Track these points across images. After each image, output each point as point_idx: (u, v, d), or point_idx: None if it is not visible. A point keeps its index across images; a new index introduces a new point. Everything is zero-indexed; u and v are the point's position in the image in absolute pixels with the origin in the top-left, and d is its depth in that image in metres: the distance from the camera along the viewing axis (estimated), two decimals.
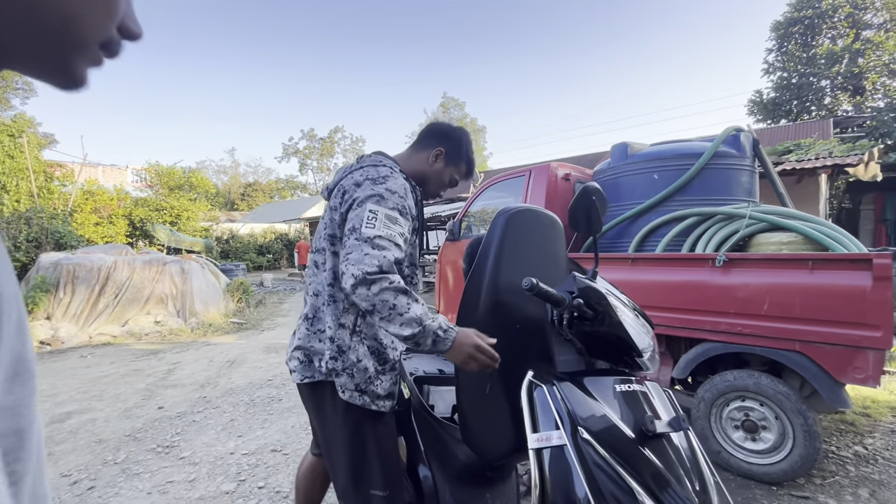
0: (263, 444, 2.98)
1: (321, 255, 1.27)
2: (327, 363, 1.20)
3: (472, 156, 1.47)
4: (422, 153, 1.40)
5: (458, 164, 1.45)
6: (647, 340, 1.15)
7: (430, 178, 1.40)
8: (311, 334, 1.27)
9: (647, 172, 3.26)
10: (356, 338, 1.23)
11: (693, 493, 0.95)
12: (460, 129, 1.46)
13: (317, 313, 1.28)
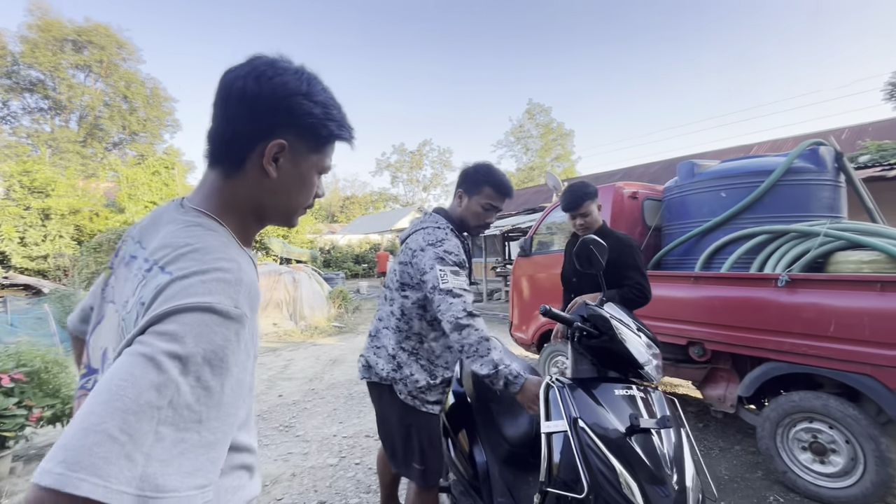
0: (360, 430, 3.57)
1: (391, 293, 1.70)
2: (388, 372, 1.63)
3: (494, 177, 1.65)
4: (454, 201, 1.75)
5: (479, 192, 1.66)
6: (647, 356, 1.41)
7: (466, 218, 1.70)
8: (372, 348, 1.72)
9: (714, 190, 3.29)
10: (412, 358, 1.63)
11: (674, 482, 1.21)
12: (473, 164, 1.70)
13: (377, 333, 1.72)
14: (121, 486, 0.43)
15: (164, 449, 0.48)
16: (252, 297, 0.62)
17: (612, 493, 1.16)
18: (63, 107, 28.12)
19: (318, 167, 0.80)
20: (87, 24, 27.43)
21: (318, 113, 0.74)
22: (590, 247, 1.52)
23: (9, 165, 14.33)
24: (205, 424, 0.52)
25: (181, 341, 0.52)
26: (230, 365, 0.56)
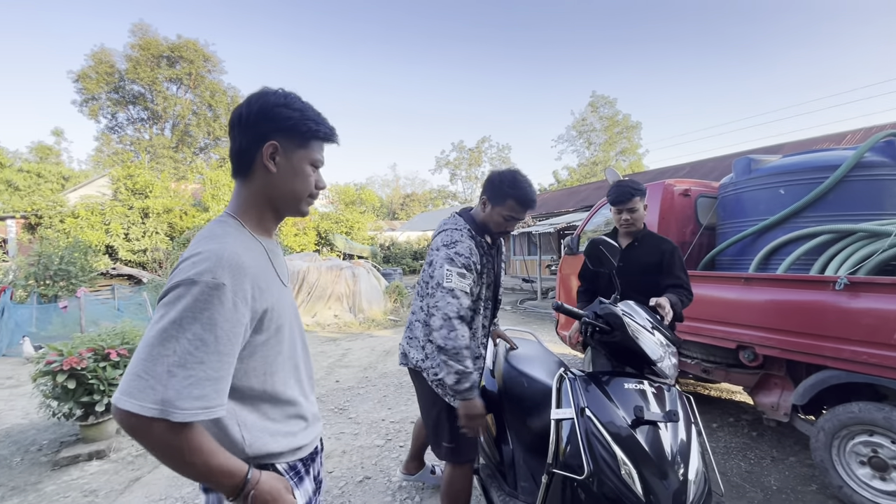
0: (406, 416, 3.80)
1: (422, 289, 1.87)
2: (417, 361, 1.84)
3: (518, 191, 1.70)
4: (479, 206, 1.84)
5: (503, 203, 1.72)
6: (660, 353, 1.45)
7: (488, 224, 1.80)
8: (406, 338, 1.95)
9: (772, 187, 3.12)
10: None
11: (677, 474, 1.26)
12: (500, 172, 1.76)
13: (411, 325, 1.93)
14: (146, 405, 0.73)
15: (177, 382, 0.75)
16: (234, 269, 0.83)
17: (611, 477, 1.24)
18: (159, 116, 31.44)
19: (309, 159, 1.00)
20: (178, 41, 30.39)
21: (297, 116, 0.96)
22: (599, 247, 1.58)
23: (116, 170, 16.41)
24: (207, 365, 0.78)
25: (174, 307, 0.77)
26: (217, 321, 0.79)
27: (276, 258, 1.04)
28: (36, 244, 10.74)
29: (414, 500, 2.54)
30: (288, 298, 1.05)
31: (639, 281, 2.23)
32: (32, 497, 2.76)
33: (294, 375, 1.03)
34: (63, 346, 3.31)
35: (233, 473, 0.84)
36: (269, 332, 0.93)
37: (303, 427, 1.03)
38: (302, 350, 1.10)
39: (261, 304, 0.89)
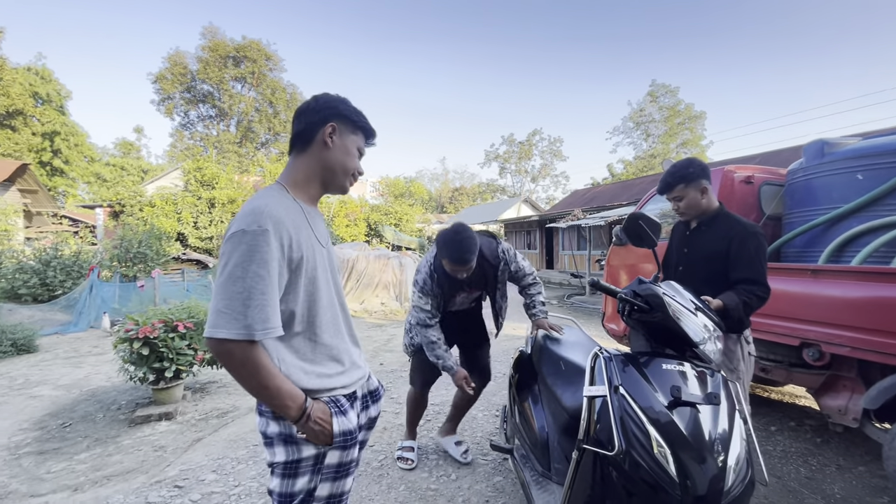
0: (445, 400, 3.86)
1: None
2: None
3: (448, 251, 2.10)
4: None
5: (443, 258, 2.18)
6: (703, 336, 1.38)
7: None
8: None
9: (847, 172, 2.84)
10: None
11: (717, 459, 1.20)
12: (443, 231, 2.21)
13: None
14: (234, 331, 0.96)
15: (251, 312, 0.96)
16: (274, 219, 1.02)
17: (643, 455, 1.21)
18: (225, 114, 33.58)
19: (357, 144, 1.23)
20: (243, 42, 32.21)
21: (353, 109, 1.22)
22: (639, 222, 1.52)
23: (187, 164, 17.75)
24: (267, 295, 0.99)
25: (234, 254, 0.98)
26: (268, 259, 0.99)
27: (315, 220, 1.21)
28: (119, 230, 11.88)
29: (450, 478, 2.59)
30: (325, 258, 1.20)
31: (701, 269, 2.06)
32: (112, 448, 3.09)
33: (333, 324, 1.19)
34: (139, 317, 3.66)
35: (296, 397, 1.05)
36: (307, 279, 1.10)
37: (339, 370, 1.18)
38: (340, 307, 1.25)
39: (297, 253, 1.06)
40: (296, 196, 1.17)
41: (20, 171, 14.84)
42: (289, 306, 1.09)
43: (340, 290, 1.28)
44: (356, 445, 1.17)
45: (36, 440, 3.26)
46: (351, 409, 1.17)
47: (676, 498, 1.16)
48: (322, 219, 1.29)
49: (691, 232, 2.16)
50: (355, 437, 1.16)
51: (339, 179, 1.22)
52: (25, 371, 5.12)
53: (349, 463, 1.17)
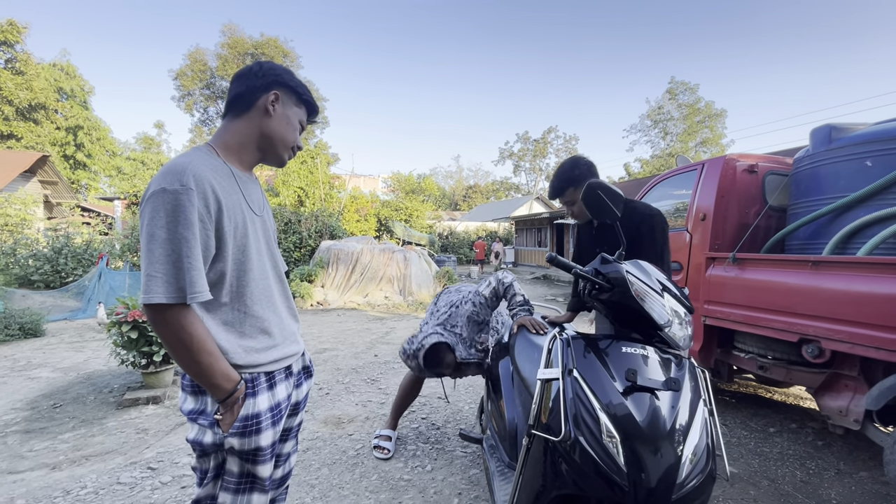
0: (433, 392, 3.78)
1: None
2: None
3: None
4: None
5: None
6: (668, 318, 1.27)
7: None
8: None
9: (856, 159, 2.67)
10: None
11: (673, 448, 1.10)
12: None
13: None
14: (168, 294, 0.91)
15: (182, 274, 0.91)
16: (200, 178, 0.96)
17: (591, 441, 1.12)
18: None
19: (300, 118, 1.20)
20: (261, 39, 32.54)
21: (297, 81, 1.18)
22: (597, 192, 1.41)
23: None
24: (193, 257, 0.92)
25: (157, 216, 0.91)
26: (192, 220, 0.93)
27: (248, 186, 1.15)
28: (131, 220, 12.10)
29: (425, 469, 2.52)
30: (258, 226, 1.15)
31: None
32: (96, 429, 3.11)
33: (265, 295, 1.13)
34: (129, 301, 3.68)
35: (230, 379, 1.00)
36: (235, 246, 1.05)
37: (270, 344, 1.12)
38: (277, 279, 1.20)
39: (224, 216, 1.01)
40: (227, 160, 1.11)
41: (41, 163, 15.25)
42: (216, 274, 1.03)
43: (278, 261, 1.23)
44: (259, 433, 1.06)
45: (25, 420, 3.29)
46: (271, 389, 1.11)
47: (625, 489, 1.07)
48: (257, 185, 1.22)
49: (597, 229, 2.11)
50: (258, 425, 1.05)
51: (278, 150, 1.17)
52: (29, 354, 5.22)
53: (255, 451, 1.06)
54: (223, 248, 1.02)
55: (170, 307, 0.92)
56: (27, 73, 20.37)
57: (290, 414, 1.24)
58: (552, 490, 1.20)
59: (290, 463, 1.32)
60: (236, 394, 1.02)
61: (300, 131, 1.21)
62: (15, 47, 20.61)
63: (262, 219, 1.18)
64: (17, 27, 20.11)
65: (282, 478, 1.29)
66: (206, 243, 0.98)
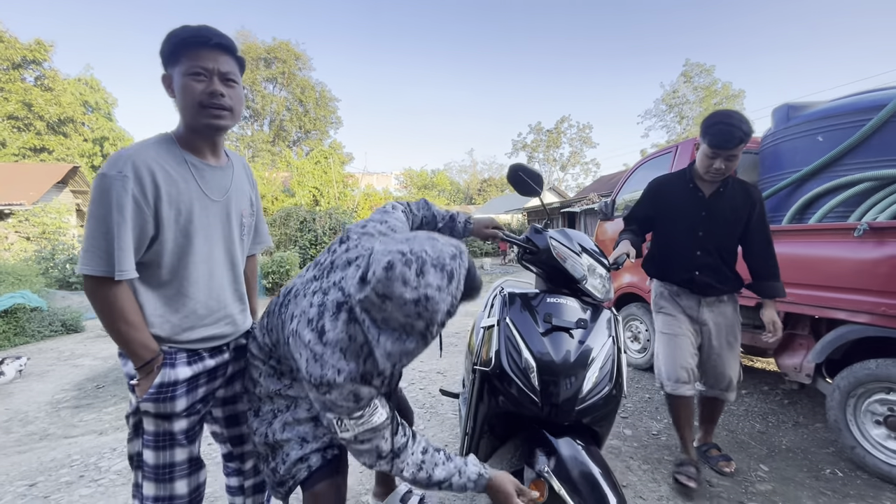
0: (433, 368, 4.12)
1: None
2: None
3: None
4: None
5: None
6: (582, 272, 1.55)
7: None
8: None
9: (810, 135, 2.86)
10: None
11: (580, 376, 1.38)
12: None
13: None
14: (98, 268, 1.00)
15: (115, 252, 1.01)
16: (137, 166, 1.03)
17: (515, 370, 1.41)
18: (258, 114, 34.87)
19: (183, 71, 1.09)
20: (273, 44, 33.30)
21: (164, 47, 1.11)
22: (518, 172, 1.68)
23: None
24: (124, 238, 1.01)
25: (96, 197, 1.01)
26: (125, 204, 1.00)
27: (207, 174, 1.18)
28: None
29: (418, 427, 2.84)
30: (213, 212, 1.19)
31: (723, 233, 2.13)
32: None
33: (206, 280, 1.19)
34: None
35: (149, 348, 1.08)
36: (177, 230, 1.11)
37: (194, 323, 1.17)
38: (225, 265, 1.25)
39: (163, 202, 1.07)
40: (184, 148, 1.15)
41: (72, 173, 16.14)
42: (154, 254, 1.10)
43: (232, 247, 1.27)
44: (173, 400, 1.12)
45: (74, 398, 3.75)
46: (187, 364, 1.16)
47: (538, 404, 1.36)
48: (228, 173, 1.25)
49: (711, 196, 2.12)
50: (173, 393, 1.12)
51: (193, 120, 1.13)
52: (72, 346, 5.76)
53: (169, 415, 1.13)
54: (162, 231, 1.08)
55: (100, 280, 1.01)
56: (55, 88, 21.44)
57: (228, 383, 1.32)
58: (490, 410, 1.50)
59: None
60: (152, 363, 1.09)
61: (201, 75, 1.10)
62: (43, 65, 21.71)
63: (223, 205, 1.21)
64: (44, 46, 21.18)
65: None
66: (142, 226, 1.05)
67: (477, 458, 1.24)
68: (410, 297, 0.87)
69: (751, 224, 2.11)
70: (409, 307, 0.88)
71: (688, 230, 2.18)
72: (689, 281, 2.18)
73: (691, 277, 2.17)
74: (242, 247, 1.34)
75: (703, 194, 2.15)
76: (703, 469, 2.23)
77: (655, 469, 2.30)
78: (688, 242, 2.18)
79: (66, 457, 2.64)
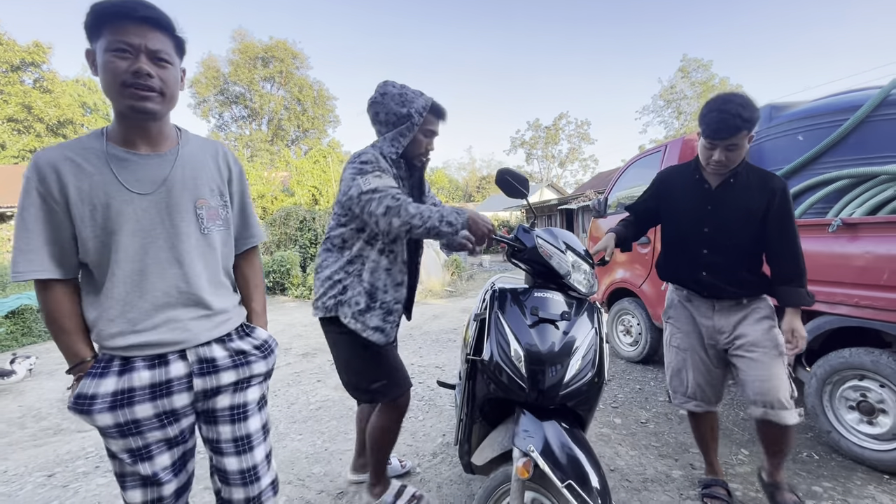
0: (432, 363, 4.25)
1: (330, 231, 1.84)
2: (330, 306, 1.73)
3: (404, 106, 1.70)
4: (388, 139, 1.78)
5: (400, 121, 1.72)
6: (566, 268, 1.66)
7: (409, 152, 1.82)
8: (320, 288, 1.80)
9: (791, 134, 2.97)
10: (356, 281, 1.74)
11: (564, 364, 1.50)
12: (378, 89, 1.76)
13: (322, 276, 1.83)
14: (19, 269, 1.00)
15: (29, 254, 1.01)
16: (43, 167, 0.99)
17: (505, 359, 1.53)
18: (256, 113, 34.91)
19: (104, 47, 0.99)
20: (270, 43, 33.28)
21: (89, 12, 0.99)
22: (506, 176, 1.79)
23: None
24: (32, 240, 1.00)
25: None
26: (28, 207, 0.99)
27: (130, 166, 1.06)
28: None
29: (418, 419, 2.97)
30: (141, 207, 1.06)
31: (736, 230, 1.85)
32: None
33: (134, 279, 1.06)
34: None
35: (74, 355, 1.06)
36: (96, 227, 1.03)
37: (125, 329, 1.05)
38: (168, 262, 1.09)
39: (73, 198, 1.01)
40: (112, 140, 1.07)
41: None
42: (84, 254, 1.05)
43: (178, 243, 1.10)
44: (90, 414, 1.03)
45: None
46: (117, 374, 1.05)
47: (526, 389, 1.48)
48: (159, 161, 1.10)
49: (718, 187, 1.87)
50: (89, 406, 1.03)
51: (116, 103, 1.02)
52: None
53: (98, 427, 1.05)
54: (80, 229, 1.02)
55: (35, 281, 1.03)
56: (54, 90, 21.51)
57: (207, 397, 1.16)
58: (482, 395, 1.62)
59: (253, 456, 1.22)
60: (76, 370, 1.06)
61: (126, 52, 0.98)
62: (41, 67, 21.76)
63: (156, 197, 1.08)
64: (42, 48, 21.23)
65: (247, 470, 1.22)
66: (57, 225, 1.01)
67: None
68: (396, 91, 1.73)
69: (768, 218, 1.81)
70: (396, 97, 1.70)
71: (693, 226, 1.95)
72: (696, 282, 1.96)
73: (697, 278, 1.95)
74: (207, 241, 1.16)
75: (709, 186, 1.90)
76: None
77: (643, 455, 2.42)
78: (693, 239, 1.96)
79: (81, 449, 2.76)
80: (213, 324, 1.17)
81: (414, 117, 1.73)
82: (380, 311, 1.76)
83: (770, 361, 1.80)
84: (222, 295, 1.22)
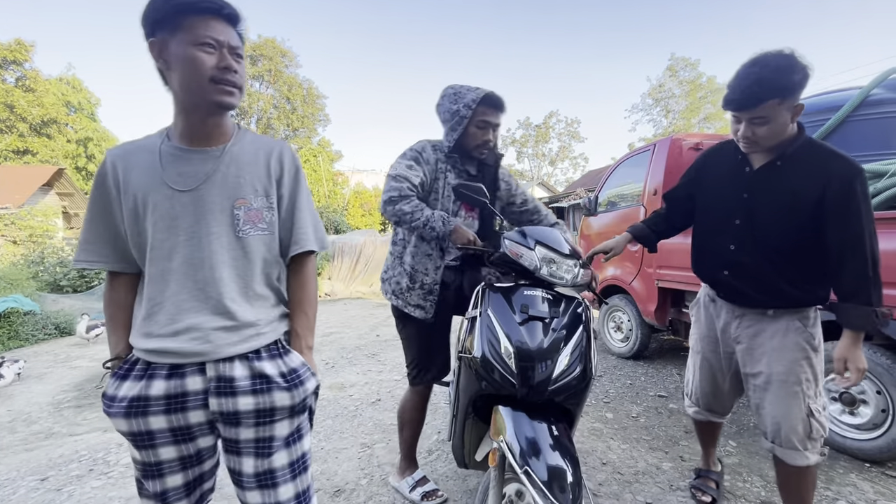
0: None
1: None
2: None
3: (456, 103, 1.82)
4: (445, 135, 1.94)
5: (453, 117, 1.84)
6: (536, 264, 1.69)
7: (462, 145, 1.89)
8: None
9: None
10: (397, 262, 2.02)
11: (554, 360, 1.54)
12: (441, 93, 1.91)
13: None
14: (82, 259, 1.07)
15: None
16: (108, 157, 1.04)
17: (496, 356, 1.56)
18: (246, 112, 34.47)
19: (190, 40, 0.94)
20: (259, 41, 32.92)
21: (152, 8, 0.95)
22: (460, 190, 1.82)
23: None
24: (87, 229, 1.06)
25: None
26: (91, 197, 1.05)
27: (177, 161, 1.03)
28: None
29: None
30: (177, 202, 1.01)
31: (771, 224, 1.49)
32: None
33: (160, 277, 1.02)
34: None
35: (112, 348, 1.09)
36: (132, 223, 1.02)
37: (148, 331, 1.01)
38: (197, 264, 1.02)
39: (124, 192, 1.02)
40: (173, 136, 1.06)
41: (57, 176, 16.00)
42: (132, 249, 1.06)
43: (203, 246, 1.02)
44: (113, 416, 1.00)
45: (75, 398, 3.84)
46: (138, 379, 1.00)
47: (516, 385, 1.52)
48: (205, 157, 1.05)
49: (761, 169, 1.52)
50: (108, 407, 1.01)
51: (198, 99, 0.99)
52: (67, 349, 5.82)
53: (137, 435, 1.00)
54: (125, 222, 1.04)
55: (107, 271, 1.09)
56: (37, 89, 21.10)
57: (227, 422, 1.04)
58: (473, 392, 1.65)
59: (277, 493, 1.07)
60: (109, 364, 1.07)
61: (211, 47, 0.96)
62: (24, 65, 21.34)
63: (191, 195, 1.02)
64: (24, 46, 20.81)
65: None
66: (112, 217, 1.04)
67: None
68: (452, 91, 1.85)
69: (824, 211, 1.38)
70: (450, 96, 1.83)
71: (723, 216, 1.62)
72: (714, 281, 1.72)
73: (717, 277, 1.68)
74: (241, 245, 1.06)
75: (750, 168, 1.55)
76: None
77: (634, 448, 2.48)
78: (721, 232, 1.64)
79: (74, 453, 2.75)
80: (239, 337, 1.04)
81: (462, 111, 1.83)
82: (420, 292, 1.93)
83: (789, 394, 1.50)
84: (256, 306, 1.09)
